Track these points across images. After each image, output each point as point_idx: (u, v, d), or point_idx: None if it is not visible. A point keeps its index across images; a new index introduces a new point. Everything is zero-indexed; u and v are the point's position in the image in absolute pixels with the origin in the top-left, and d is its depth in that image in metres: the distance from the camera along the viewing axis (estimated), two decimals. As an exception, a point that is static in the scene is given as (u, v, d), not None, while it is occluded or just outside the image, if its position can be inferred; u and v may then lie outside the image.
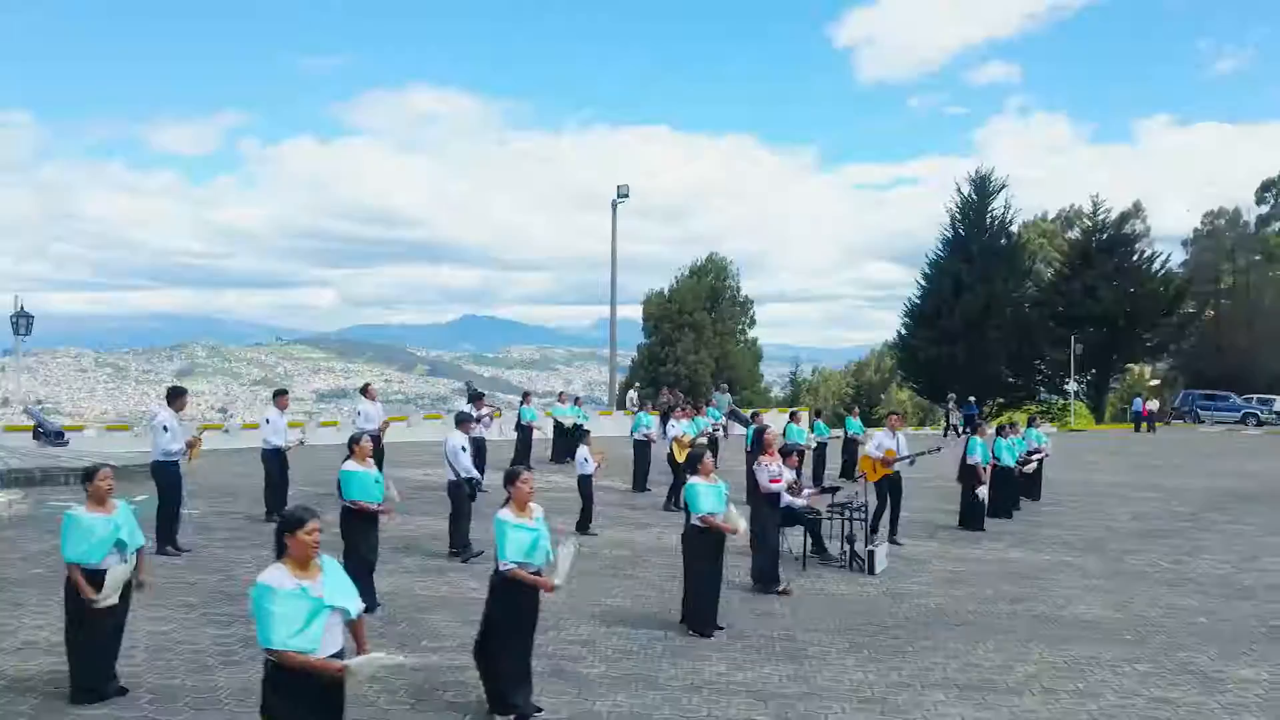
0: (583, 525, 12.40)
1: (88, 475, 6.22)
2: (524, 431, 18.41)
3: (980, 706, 6.55)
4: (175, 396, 10.53)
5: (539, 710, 6.07)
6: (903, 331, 51.65)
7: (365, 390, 14.78)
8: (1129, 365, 53.72)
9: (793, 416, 16.61)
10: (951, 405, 33.43)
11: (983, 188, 49.80)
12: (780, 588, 9.44)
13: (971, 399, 34.27)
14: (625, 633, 7.95)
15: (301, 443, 12.63)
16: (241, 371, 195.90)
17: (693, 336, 40.89)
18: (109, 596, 5.88)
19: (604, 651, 7.44)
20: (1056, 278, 51.31)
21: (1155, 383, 59.72)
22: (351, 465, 8.46)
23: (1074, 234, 70.48)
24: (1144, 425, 37.53)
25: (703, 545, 7.98)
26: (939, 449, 14.05)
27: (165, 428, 10.30)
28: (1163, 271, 49.37)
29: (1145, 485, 19.39)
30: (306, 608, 4.20)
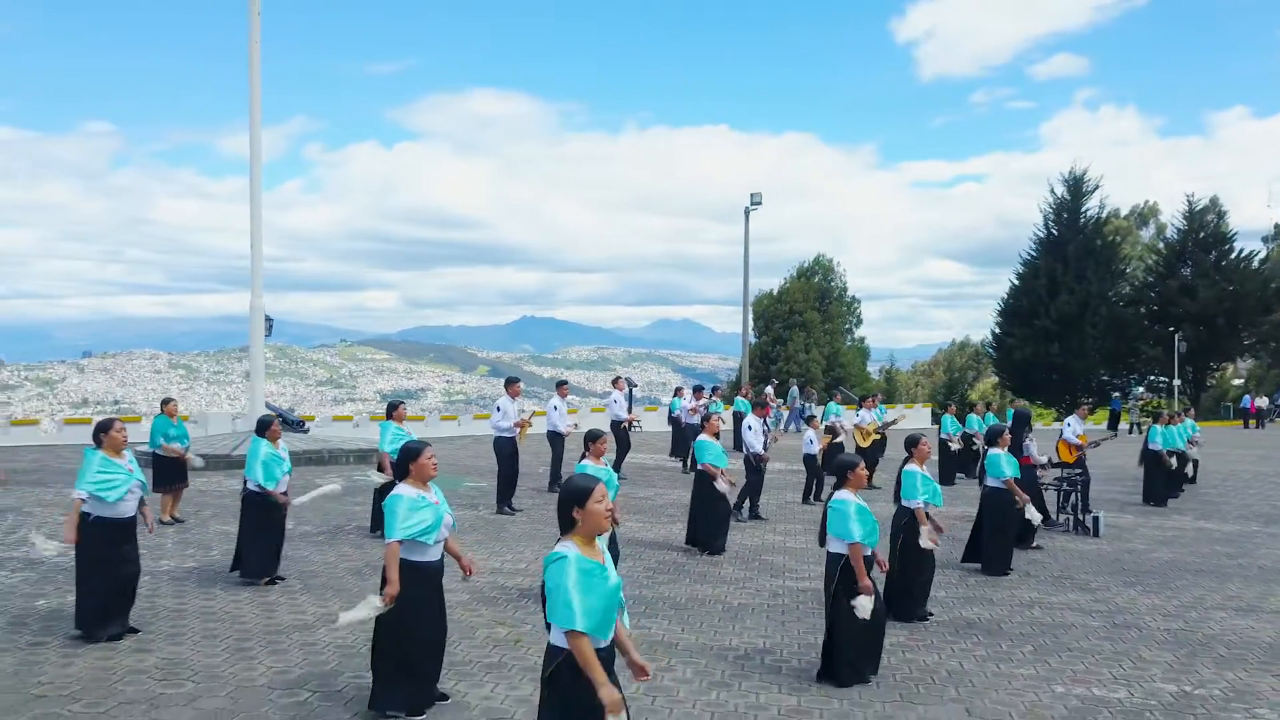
0: (807, 496, 14.38)
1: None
2: (676, 424, 20.39)
3: (1259, 620, 8.34)
4: (510, 384, 12.76)
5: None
6: (996, 330, 52.78)
7: (615, 382, 16.97)
8: (1225, 363, 54.16)
9: (972, 409, 18.43)
10: (1132, 403, 36.28)
11: (1077, 188, 50.69)
12: (1034, 544, 11.29)
13: (1116, 395, 36.76)
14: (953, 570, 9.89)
15: (576, 426, 14.73)
16: (308, 372, 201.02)
17: (803, 335, 42.66)
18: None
19: (948, 584, 9.38)
20: (1152, 275, 51.94)
21: (1239, 381, 59.97)
22: (706, 437, 10.52)
23: (1148, 231, 70.73)
24: (1253, 421, 38.39)
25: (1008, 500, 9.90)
26: (1114, 435, 15.77)
27: (499, 408, 12.51)
28: (1263, 269, 49.71)
29: (1286, 473, 20.77)
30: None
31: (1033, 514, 10.12)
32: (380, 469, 10.52)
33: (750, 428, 12.39)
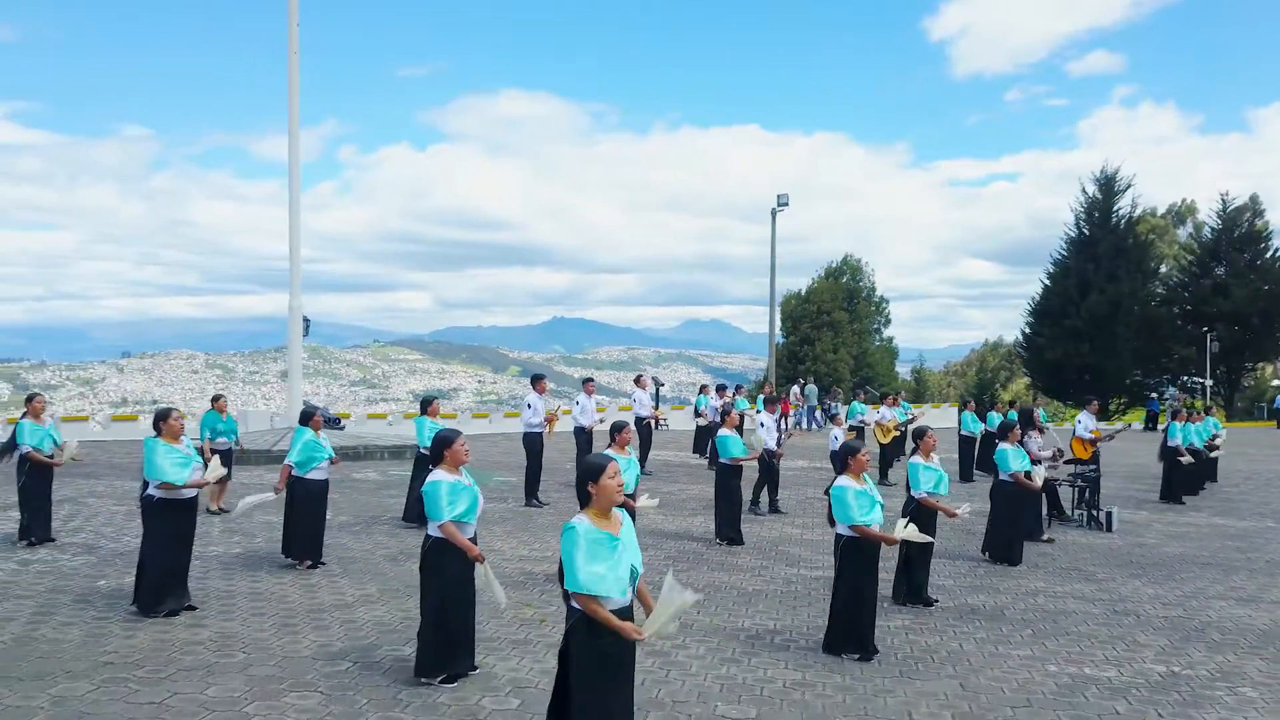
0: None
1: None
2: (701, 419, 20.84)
3: (1258, 609, 8.63)
4: (536, 381, 13.27)
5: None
6: (1027, 330, 52.65)
7: (638, 380, 17.46)
8: (1260, 363, 53.61)
9: (993, 407, 18.73)
10: (1169, 404, 36.75)
11: (1109, 187, 50.42)
12: (1045, 537, 11.61)
13: (1154, 395, 36.70)
14: (964, 561, 10.25)
15: (601, 421, 15.19)
16: (341, 373, 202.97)
17: (831, 335, 42.91)
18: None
19: (957, 573, 9.75)
20: (1185, 275, 51.53)
21: (1278, 382, 59.21)
22: (726, 431, 10.95)
23: (1186, 229, 69.75)
24: (1285, 422, 38.10)
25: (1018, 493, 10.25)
26: (1129, 426, 16.02)
27: (529, 405, 13.02)
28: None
29: (1311, 472, 20.80)
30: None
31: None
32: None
33: (763, 424, 12.81)
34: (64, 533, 10.71)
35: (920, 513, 8.40)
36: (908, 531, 7.20)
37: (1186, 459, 15.46)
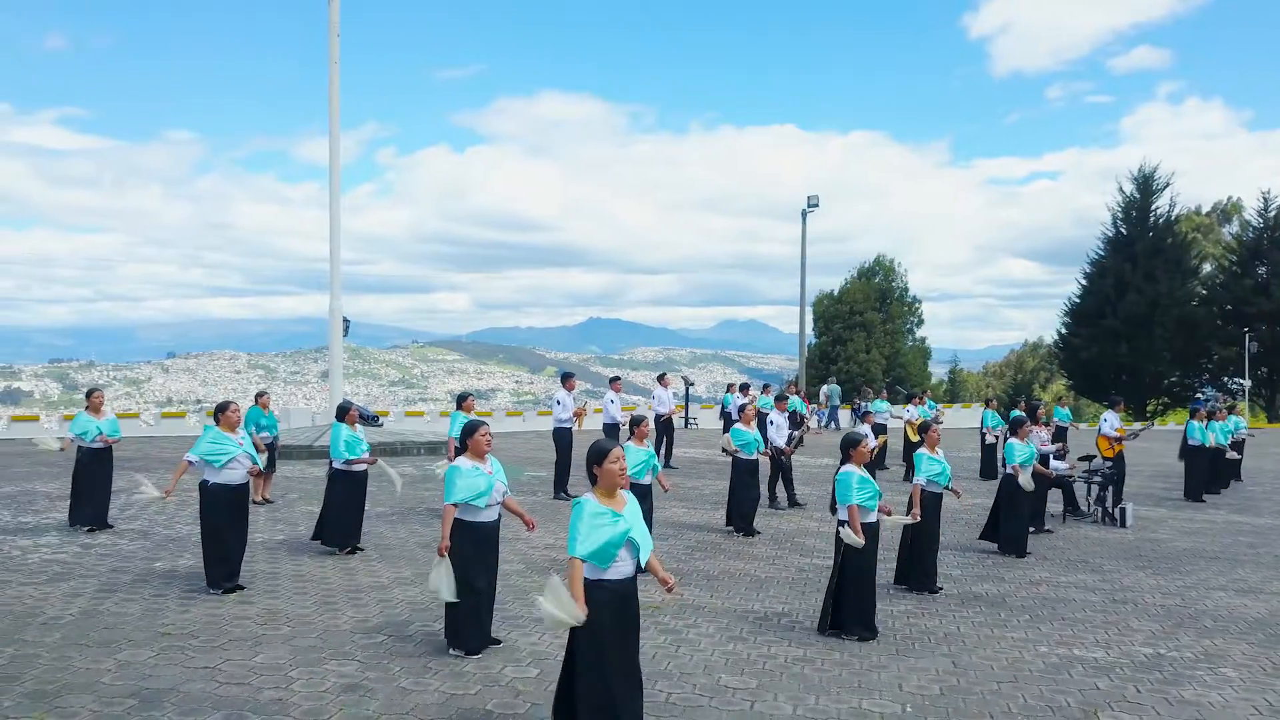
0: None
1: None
2: (729, 419, 21.28)
3: (1256, 599, 8.91)
4: (566, 379, 13.82)
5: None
6: (1063, 330, 52.32)
7: (661, 379, 17.99)
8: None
9: (988, 404, 19.01)
10: (1212, 404, 36.81)
11: (1146, 186, 49.95)
12: (1045, 528, 11.92)
13: (1200, 395, 36.41)
14: (974, 553, 10.61)
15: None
16: (380, 373, 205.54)
17: (864, 336, 43.09)
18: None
19: (965, 564, 10.12)
20: (1225, 275, 50.91)
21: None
22: (739, 425, 11.42)
23: (1231, 228, 68.62)
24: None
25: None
26: (1152, 424, 16.26)
27: (559, 401, 13.57)
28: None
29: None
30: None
31: (1025, 481, 10.67)
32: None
33: (773, 423, 13.26)
34: (121, 520, 11.44)
35: (924, 499, 8.79)
36: (895, 519, 7.73)
37: (1232, 454, 16.01)
